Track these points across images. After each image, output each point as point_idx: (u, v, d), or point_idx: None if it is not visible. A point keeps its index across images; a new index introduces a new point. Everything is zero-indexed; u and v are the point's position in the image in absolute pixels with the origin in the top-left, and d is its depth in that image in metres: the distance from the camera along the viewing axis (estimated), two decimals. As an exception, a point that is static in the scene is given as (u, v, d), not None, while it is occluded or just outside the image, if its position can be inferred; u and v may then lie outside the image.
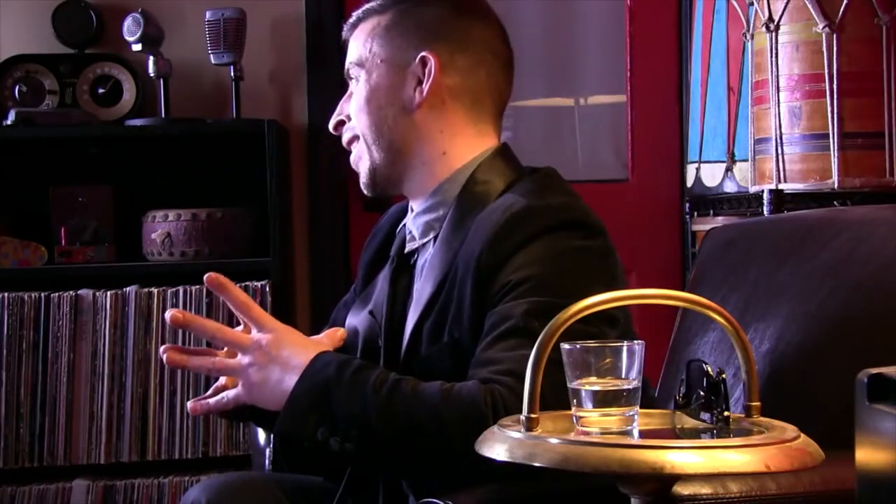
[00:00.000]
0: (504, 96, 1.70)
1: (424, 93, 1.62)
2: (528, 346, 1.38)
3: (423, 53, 1.62)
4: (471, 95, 1.65)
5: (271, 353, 1.47)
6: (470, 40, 1.65)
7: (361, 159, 1.68)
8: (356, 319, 1.73)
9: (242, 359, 1.48)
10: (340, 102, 1.71)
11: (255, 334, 1.49)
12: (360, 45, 1.67)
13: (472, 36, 1.65)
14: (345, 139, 1.71)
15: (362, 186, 1.70)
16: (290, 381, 1.44)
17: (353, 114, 1.67)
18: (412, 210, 1.69)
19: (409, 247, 1.67)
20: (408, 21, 1.65)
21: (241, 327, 1.55)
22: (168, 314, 1.48)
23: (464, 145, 1.65)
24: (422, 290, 1.60)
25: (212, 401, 1.54)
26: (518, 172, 1.65)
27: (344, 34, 1.72)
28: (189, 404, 1.57)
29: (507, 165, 1.65)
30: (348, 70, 1.69)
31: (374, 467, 1.53)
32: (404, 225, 1.71)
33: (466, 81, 1.64)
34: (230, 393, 1.52)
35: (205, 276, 1.49)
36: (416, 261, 1.67)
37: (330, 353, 1.49)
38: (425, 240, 1.65)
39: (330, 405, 1.41)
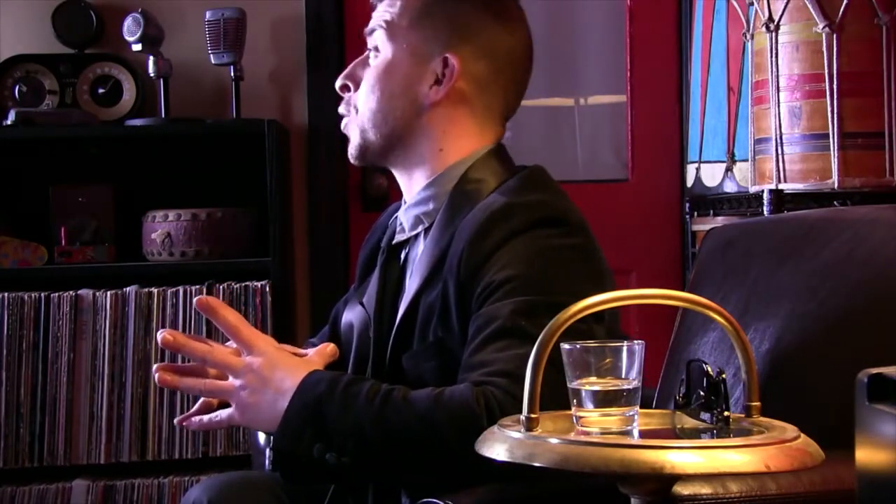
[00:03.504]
0: (512, 107, 1.71)
1: (440, 94, 1.62)
2: (517, 347, 1.39)
3: (447, 54, 1.62)
4: (482, 103, 1.65)
5: (263, 376, 1.46)
6: (496, 49, 1.65)
7: (354, 132, 1.68)
8: (351, 314, 1.74)
9: (234, 381, 1.48)
10: (354, 63, 1.70)
11: (246, 357, 1.48)
12: (395, 14, 1.64)
13: (500, 45, 1.65)
14: (343, 107, 1.71)
15: (350, 154, 1.70)
16: (283, 402, 1.44)
17: (364, 90, 1.66)
18: (405, 202, 1.70)
19: (397, 238, 1.68)
20: (443, 11, 1.63)
21: (230, 343, 1.55)
22: (159, 336, 1.48)
23: (462, 144, 1.65)
24: (410, 285, 1.61)
25: (205, 418, 1.55)
26: (511, 172, 1.65)
27: None
28: (176, 420, 1.58)
29: (500, 164, 1.65)
30: (371, 31, 1.67)
31: (372, 478, 1.53)
32: (396, 217, 1.71)
33: (481, 89, 1.65)
34: (223, 413, 1.52)
35: (195, 300, 1.49)
36: (407, 254, 1.68)
37: (320, 371, 1.49)
38: (414, 232, 1.66)
39: (324, 421, 1.41)
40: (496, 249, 1.50)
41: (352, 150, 1.69)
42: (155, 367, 1.53)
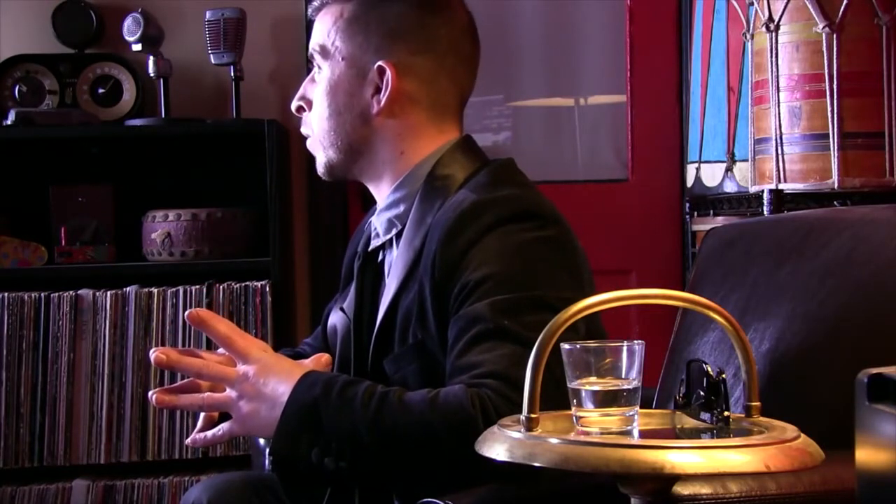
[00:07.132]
0: (466, 93, 1.69)
1: (382, 102, 1.61)
2: (502, 346, 1.39)
3: (380, 62, 1.61)
4: (430, 99, 1.64)
5: (259, 384, 1.45)
6: (433, 41, 1.63)
7: (317, 152, 1.69)
8: (335, 319, 1.74)
9: (231, 392, 1.47)
10: (304, 84, 1.70)
11: (240, 367, 1.47)
12: (325, 33, 1.65)
13: (436, 36, 1.63)
14: (303, 130, 1.72)
15: (319, 172, 1.71)
16: (280, 408, 1.43)
17: (315, 110, 1.67)
18: (378, 207, 1.69)
19: (373, 244, 1.68)
20: (371, 16, 1.62)
21: (220, 350, 1.55)
22: (152, 356, 1.47)
23: (423, 143, 1.64)
24: (388, 288, 1.60)
25: (209, 434, 1.53)
26: (478, 162, 1.63)
27: (310, 13, 1.70)
28: (188, 441, 1.58)
29: (466, 157, 1.64)
30: (311, 54, 1.68)
31: (370, 482, 1.52)
32: (370, 222, 1.71)
33: (426, 86, 1.63)
34: (224, 426, 1.51)
35: (186, 315, 1.48)
36: (383, 258, 1.68)
37: (315, 373, 1.47)
38: (388, 236, 1.65)
39: (320, 425, 1.40)
40: (469, 248, 1.49)
41: (319, 168, 1.70)
42: (150, 392, 1.52)
